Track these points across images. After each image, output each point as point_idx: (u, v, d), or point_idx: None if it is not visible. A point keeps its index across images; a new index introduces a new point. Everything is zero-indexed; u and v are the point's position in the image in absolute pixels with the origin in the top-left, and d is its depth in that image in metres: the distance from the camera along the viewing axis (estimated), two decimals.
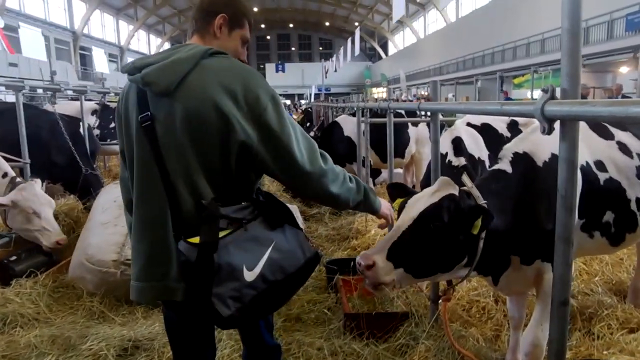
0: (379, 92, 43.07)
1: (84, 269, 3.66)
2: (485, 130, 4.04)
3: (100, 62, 10.26)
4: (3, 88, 6.81)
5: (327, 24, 65.32)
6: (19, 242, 4.61)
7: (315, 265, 1.84)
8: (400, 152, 6.91)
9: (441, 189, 2.13)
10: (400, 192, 2.37)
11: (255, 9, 58.67)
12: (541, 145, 2.41)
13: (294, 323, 3.69)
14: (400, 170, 7.56)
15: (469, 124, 4.05)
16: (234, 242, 1.58)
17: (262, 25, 68.39)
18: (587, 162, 2.49)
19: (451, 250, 2.07)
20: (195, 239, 1.56)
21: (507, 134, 4.06)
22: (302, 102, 41.63)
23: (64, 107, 7.34)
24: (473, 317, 3.53)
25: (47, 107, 7.96)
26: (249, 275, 1.59)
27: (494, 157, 3.87)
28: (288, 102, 45.41)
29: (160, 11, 50.97)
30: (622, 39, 15.71)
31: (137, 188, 1.68)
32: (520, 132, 4.09)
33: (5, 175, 4.29)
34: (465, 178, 2.21)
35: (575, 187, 1.58)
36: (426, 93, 34.10)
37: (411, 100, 28.46)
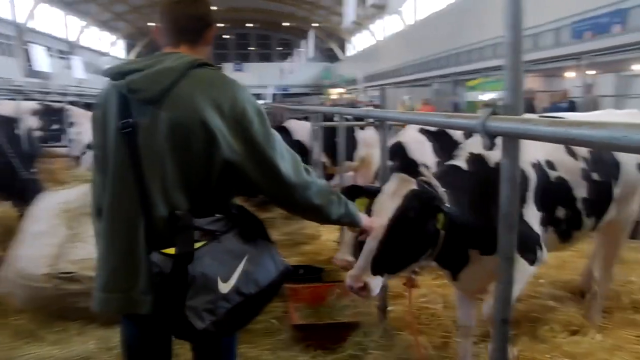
0: (338, 93, 43.26)
1: (14, 284, 3.42)
2: (441, 136, 4.04)
3: (40, 59, 9.66)
4: None
5: (286, 24, 65.08)
6: None
7: (286, 279, 1.82)
8: (350, 155, 6.96)
9: (400, 187, 2.17)
10: (357, 192, 2.38)
11: (215, 8, 57.70)
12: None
13: (241, 335, 3.56)
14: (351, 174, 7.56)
15: (423, 130, 4.04)
16: (208, 254, 1.57)
17: (221, 25, 67.48)
18: (538, 161, 2.60)
19: (421, 245, 2.20)
20: (170, 250, 1.54)
21: (462, 140, 4.06)
22: (260, 102, 41.22)
23: (2, 107, 6.91)
24: (422, 324, 3.50)
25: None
26: (224, 287, 1.58)
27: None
28: None
29: (114, 7, 49.32)
30: (567, 45, 16.39)
31: (110, 195, 1.64)
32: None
33: None
34: (422, 168, 2.25)
35: (516, 206, 1.54)
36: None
37: (371, 102, 28.73)
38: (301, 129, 6.85)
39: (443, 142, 4.02)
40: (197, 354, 1.93)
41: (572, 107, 10.06)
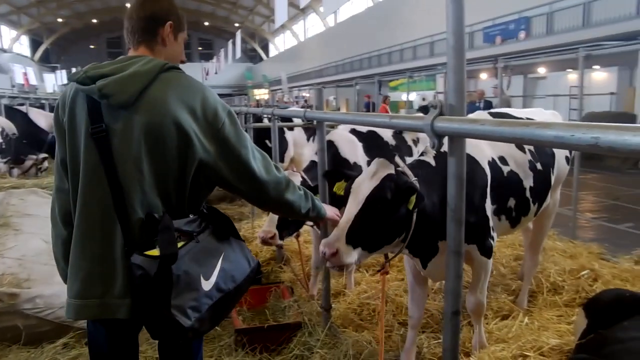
0: (262, 94, 42.98)
1: None
2: (370, 137, 4.17)
3: None
4: None
5: (206, 23, 63.59)
6: None
7: (256, 274, 1.89)
8: (280, 156, 7.04)
9: (379, 170, 2.29)
10: (336, 176, 2.57)
11: (128, 5, 55.19)
12: None
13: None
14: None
15: (353, 131, 4.14)
16: (188, 254, 1.60)
17: None
18: (493, 158, 2.80)
19: (395, 224, 2.30)
20: (154, 252, 1.55)
21: (392, 142, 4.23)
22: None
23: None
24: (364, 319, 3.58)
25: None
26: (206, 285, 1.63)
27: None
28: None
29: (15, 0, 45.59)
30: (481, 49, 17.46)
31: (82, 199, 1.62)
32: (405, 140, 4.30)
33: None
34: (398, 159, 2.42)
35: (463, 201, 1.62)
36: (308, 95, 34.77)
37: (297, 102, 28.80)
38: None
39: (373, 143, 4.17)
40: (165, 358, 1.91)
41: (488, 107, 10.71)
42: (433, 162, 2.58)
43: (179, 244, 1.59)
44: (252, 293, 3.76)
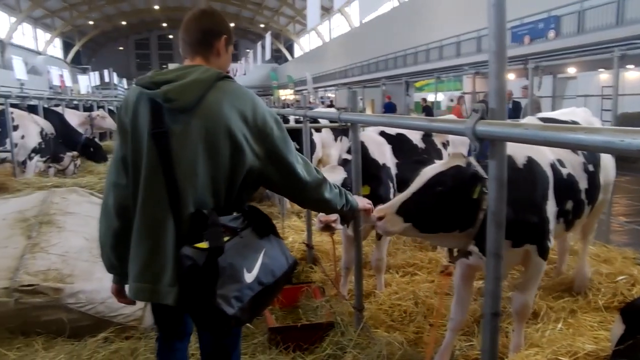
0: (286, 95, 43.17)
1: None
2: (399, 140, 4.20)
3: None
4: None
5: (232, 25, 64.09)
6: None
7: (294, 271, 2.08)
8: (308, 157, 7.13)
9: (450, 161, 2.45)
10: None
11: (157, 7, 56.24)
12: (518, 150, 2.64)
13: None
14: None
15: (382, 133, 4.18)
16: (233, 248, 1.74)
17: (164, 24, 65.62)
18: (554, 161, 2.84)
19: (453, 210, 2.35)
20: (202, 244, 1.70)
21: (421, 145, 4.26)
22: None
23: None
24: (396, 320, 3.59)
25: None
26: (248, 277, 1.77)
27: (404, 164, 4.06)
28: None
29: (49, 4, 46.85)
30: (509, 48, 17.21)
31: (142, 195, 1.79)
32: (434, 143, 4.31)
33: None
34: (470, 158, 2.47)
35: (504, 204, 1.63)
36: (333, 95, 34.77)
37: (323, 102, 28.82)
38: None
39: (401, 146, 4.20)
40: (206, 351, 2.11)
41: (516, 108, 10.56)
42: None
43: (225, 239, 1.72)
44: (284, 292, 3.81)
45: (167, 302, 1.77)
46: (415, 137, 4.29)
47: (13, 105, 8.04)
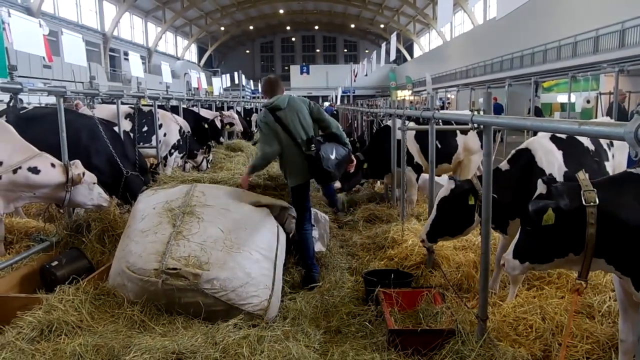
0: (404, 95, 42.69)
1: (125, 277, 3.65)
2: (570, 144, 3.88)
3: (136, 67, 10.42)
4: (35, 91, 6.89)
5: (352, 25, 65.09)
6: (59, 247, 4.68)
7: (350, 158, 4.96)
8: (447, 158, 7.12)
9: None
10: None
11: (282, 11, 58.93)
12: None
13: (333, 335, 3.63)
14: (439, 179, 7.52)
15: (553, 137, 3.87)
16: (324, 146, 4.51)
17: (288, 27, 68.53)
18: None
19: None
20: (313, 149, 4.48)
21: (591, 147, 3.93)
22: (326, 104, 41.49)
23: (100, 111, 7.42)
24: (521, 335, 3.41)
25: (83, 110, 8.08)
26: (333, 157, 4.51)
27: (575, 171, 3.68)
28: None
29: (188, 13, 51.51)
30: None
31: (286, 149, 4.64)
32: (600, 144, 3.96)
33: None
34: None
35: None
36: (453, 96, 33.64)
37: (442, 105, 28.03)
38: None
39: (573, 150, 3.87)
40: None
41: None
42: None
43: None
44: (403, 296, 3.80)
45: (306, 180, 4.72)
46: (586, 138, 3.93)
47: (158, 106, 8.93)
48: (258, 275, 3.75)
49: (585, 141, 3.90)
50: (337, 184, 6.38)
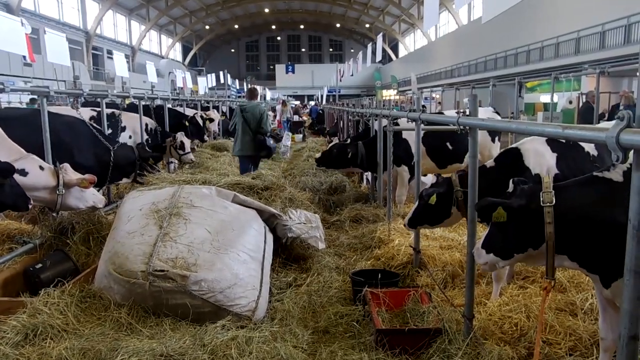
0: (390, 95, 42.85)
1: (111, 279, 3.62)
2: (569, 148, 3.89)
3: (121, 67, 10.23)
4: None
5: (337, 25, 65.17)
6: (43, 249, 4.62)
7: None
8: (459, 158, 6.99)
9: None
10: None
11: (267, 10, 58.75)
12: None
13: (321, 336, 3.64)
14: (424, 179, 7.56)
15: (550, 140, 3.89)
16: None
17: (273, 27, 68.36)
18: None
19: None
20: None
21: (594, 152, 3.92)
22: (311, 103, 41.39)
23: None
24: (506, 333, 3.45)
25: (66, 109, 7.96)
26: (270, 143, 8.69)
27: (569, 174, 3.63)
28: (297, 102, 44.98)
29: (172, 12, 51.07)
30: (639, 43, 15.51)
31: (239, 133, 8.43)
32: (607, 151, 3.97)
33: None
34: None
35: None
36: (438, 96, 33.86)
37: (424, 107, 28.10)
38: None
39: (570, 154, 3.88)
40: None
41: None
42: (620, 178, 2.34)
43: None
44: (390, 295, 3.83)
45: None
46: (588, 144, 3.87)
47: (144, 106, 8.80)
48: (246, 277, 3.75)
49: (587, 146, 3.89)
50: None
